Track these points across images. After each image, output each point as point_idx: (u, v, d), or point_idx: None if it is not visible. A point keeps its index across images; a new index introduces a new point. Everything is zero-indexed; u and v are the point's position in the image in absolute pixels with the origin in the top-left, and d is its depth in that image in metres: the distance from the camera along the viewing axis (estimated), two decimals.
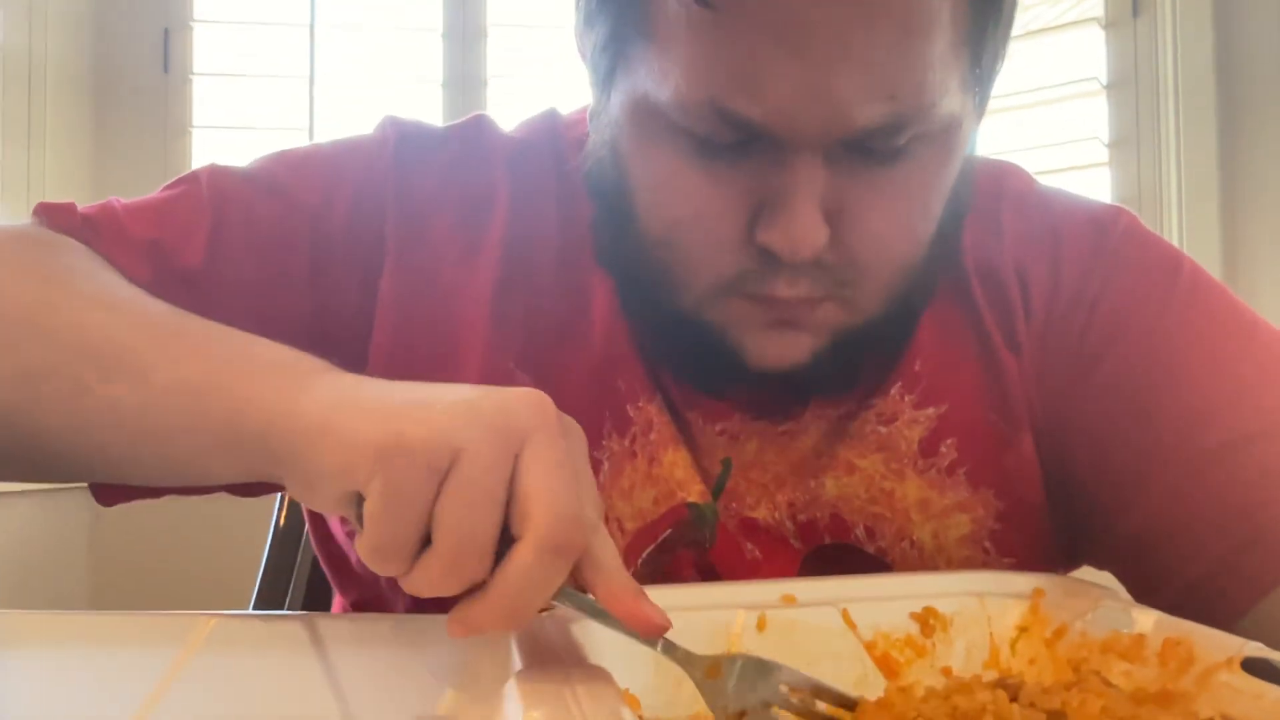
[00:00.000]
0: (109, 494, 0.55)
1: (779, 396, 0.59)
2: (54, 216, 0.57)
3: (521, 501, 0.36)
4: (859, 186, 0.49)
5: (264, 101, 1.83)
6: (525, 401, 0.38)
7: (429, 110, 1.84)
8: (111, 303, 0.50)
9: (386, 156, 0.60)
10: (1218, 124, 1.68)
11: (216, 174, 0.59)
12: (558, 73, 1.81)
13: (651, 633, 0.38)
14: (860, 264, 0.51)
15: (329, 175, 0.60)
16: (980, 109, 0.53)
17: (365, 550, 0.37)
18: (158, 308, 0.51)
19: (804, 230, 0.48)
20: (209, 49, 1.83)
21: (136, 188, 1.96)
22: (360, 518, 0.37)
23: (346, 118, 1.82)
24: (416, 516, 0.36)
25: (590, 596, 0.38)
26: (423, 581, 0.37)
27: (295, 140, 1.82)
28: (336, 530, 0.63)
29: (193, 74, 1.81)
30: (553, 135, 0.63)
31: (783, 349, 0.53)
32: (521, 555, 0.36)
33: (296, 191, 0.59)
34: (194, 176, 0.60)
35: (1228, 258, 1.67)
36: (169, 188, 0.60)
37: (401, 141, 0.61)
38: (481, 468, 0.36)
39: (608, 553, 0.38)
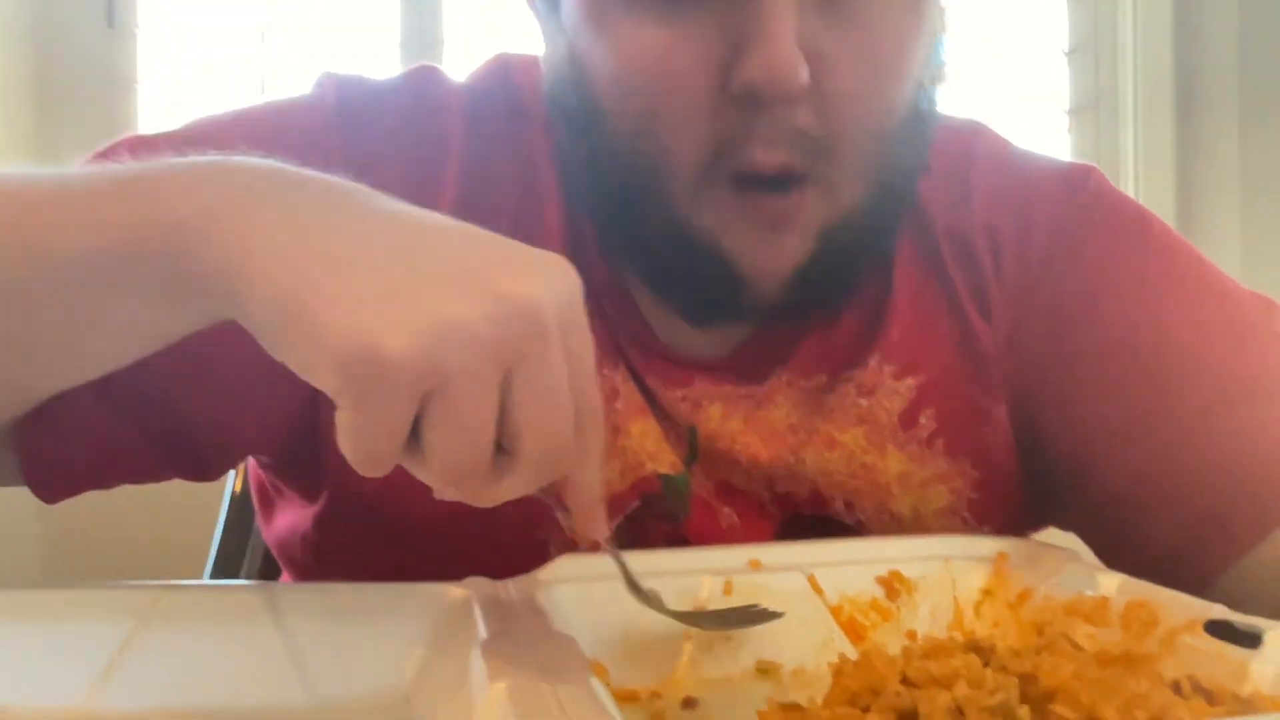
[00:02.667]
0: (48, 486, 0.51)
1: (743, 360, 0.58)
2: None
3: (511, 426, 0.35)
4: (830, 31, 0.48)
5: (214, 58, 1.78)
6: (522, 311, 0.34)
7: (387, 70, 1.80)
8: None
9: (327, 115, 0.56)
10: (1174, 91, 1.69)
11: (138, 143, 0.55)
12: (516, 32, 1.77)
13: (593, 536, 0.40)
14: (835, 125, 0.50)
15: (269, 133, 0.56)
16: None
17: (345, 455, 0.34)
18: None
19: (783, 58, 0.46)
20: (155, 2, 1.77)
21: (80, 145, 1.89)
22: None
23: (300, 76, 1.77)
24: (394, 432, 0.33)
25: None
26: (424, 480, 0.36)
27: (246, 102, 1.77)
28: (282, 526, 0.61)
29: (138, 28, 1.75)
30: (506, 81, 0.61)
31: (775, 253, 0.51)
32: (510, 485, 0.36)
33: (233, 151, 0.55)
34: (112, 149, 0.55)
35: (1182, 223, 1.69)
36: (86, 163, 0.55)
37: (343, 99, 0.57)
38: (467, 399, 0.33)
39: (587, 476, 0.38)
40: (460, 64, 1.83)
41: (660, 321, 0.58)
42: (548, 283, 0.35)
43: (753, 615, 0.45)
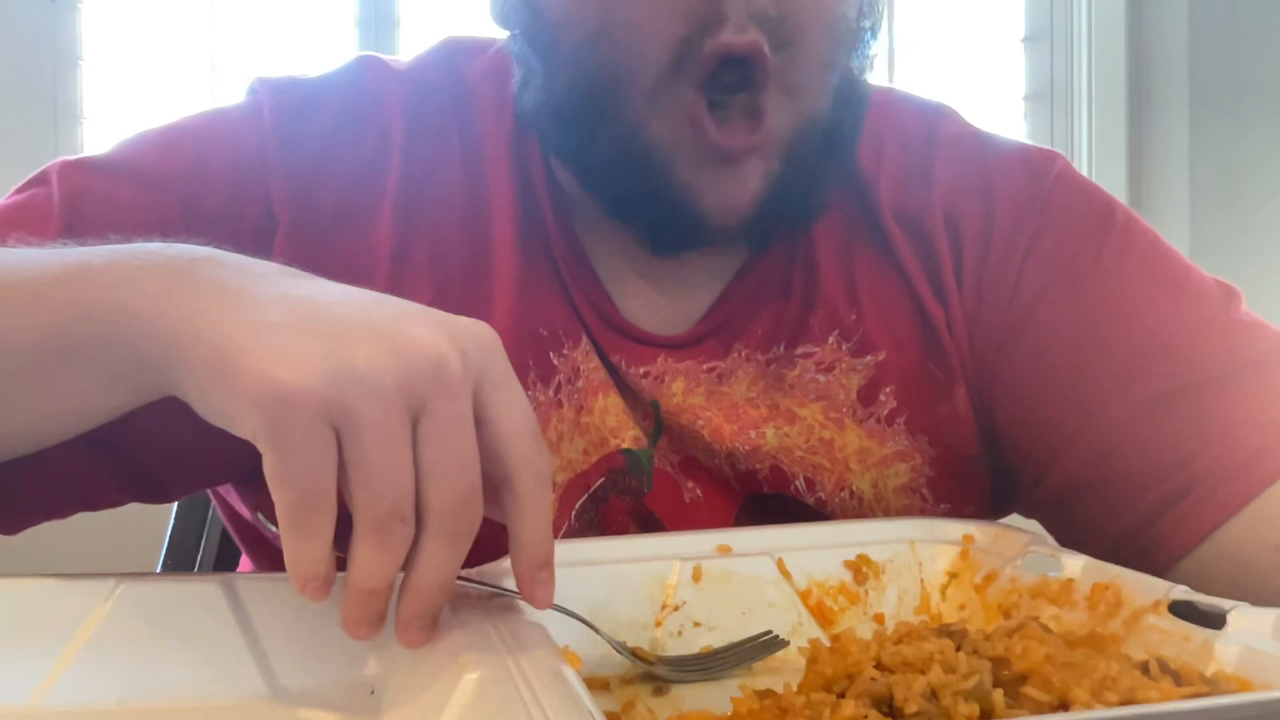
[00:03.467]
0: (5, 518, 0.51)
1: (702, 334, 0.58)
2: None
3: (419, 478, 0.34)
4: None
5: (161, 34, 1.73)
6: (426, 362, 0.34)
7: (342, 51, 1.76)
8: None
9: (263, 123, 0.55)
10: (1127, 78, 1.72)
11: (68, 169, 0.54)
12: (472, 9, 1.75)
13: (534, 605, 0.38)
14: (797, 15, 0.50)
15: (199, 151, 0.55)
16: None
17: (278, 511, 0.34)
18: None
19: None
20: None
21: (22, 125, 1.82)
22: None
23: (251, 56, 1.73)
24: (314, 470, 0.33)
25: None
26: (363, 565, 0.34)
27: (195, 81, 1.72)
28: (242, 508, 0.60)
29: (82, 3, 1.70)
30: (450, 65, 0.60)
31: (739, 182, 0.51)
32: (431, 552, 0.35)
33: (164, 173, 0.54)
34: (43, 176, 0.54)
35: (1133, 206, 1.70)
36: (17, 191, 0.54)
37: (278, 105, 0.56)
38: (376, 442, 0.33)
39: (532, 535, 0.37)
40: (416, 42, 1.81)
41: (620, 292, 0.58)
42: (457, 340, 0.36)
43: (736, 654, 0.45)
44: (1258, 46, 1.68)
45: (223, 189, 0.54)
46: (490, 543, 0.46)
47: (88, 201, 0.53)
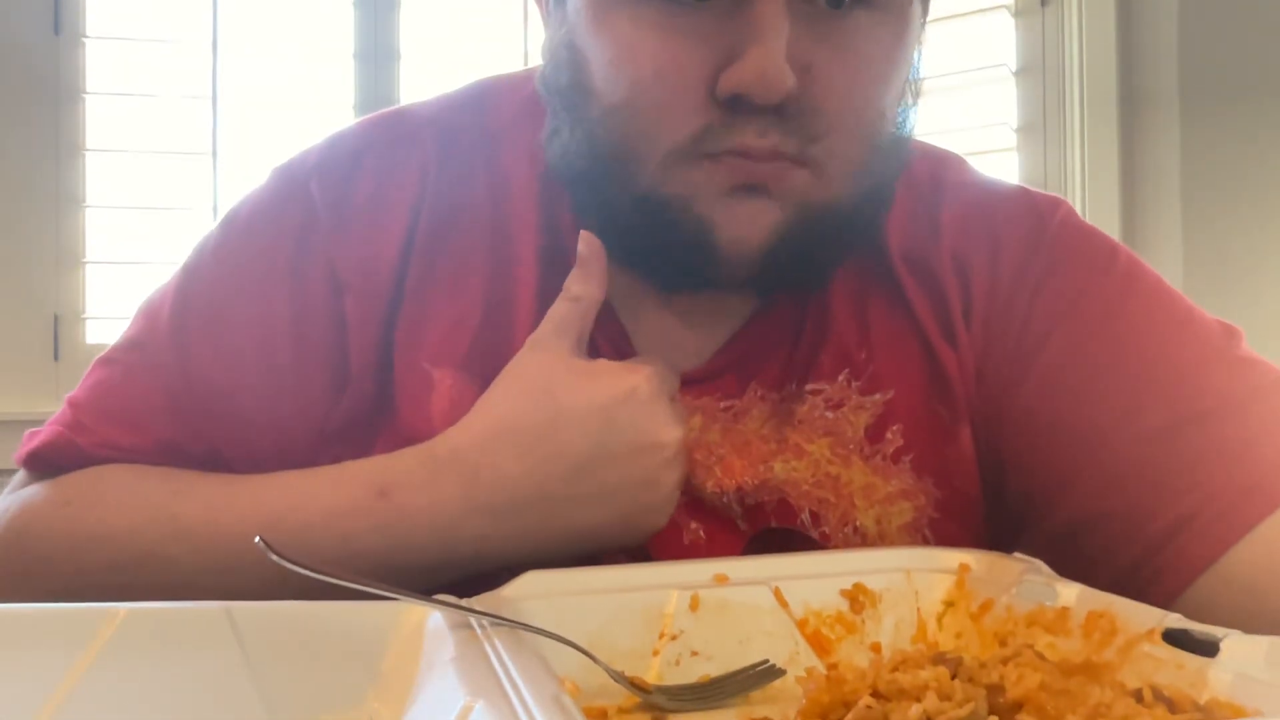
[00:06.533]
0: None
1: (718, 372, 0.59)
2: (53, 460, 0.58)
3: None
4: (820, 44, 0.51)
5: (162, 65, 1.75)
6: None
7: (341, 82, 1.78)
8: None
9: (317, 214, 0.59)
10: (1118, 111, 1.74)
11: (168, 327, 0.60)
12: (472, 42, 1.77)
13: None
14: (827, 115, 0.52)
15: (262, 262, 0.59)
16: (923, 8, 0.57)
17: None
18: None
19: (774, 65, 0.49)
20: (102, 8, 1.74)
21: (25, 155, 1.85)
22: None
23: (252, 86, 1.75)
24: None
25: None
26: None
27: (195, 104, 1.74)
28: None
29: (85, 36, 1.72)
30: (478, 107, 0.62)
31: (752, 216, 0.53)
32: None
33: (264, 279, 0.59)
34: (138, 343, 0.60)
35: (1126, 237, 1.73)
36: (116, 357, 0.60)
37: (324, 189, 0.59)
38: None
39: None
40: (416, 75, 1.82)
41: (639, 329, 0.60)
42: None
43: (739, 682, 0.45)
44: (1250, 78, 1.70)
45: (287, 272, 0.59)
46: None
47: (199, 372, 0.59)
